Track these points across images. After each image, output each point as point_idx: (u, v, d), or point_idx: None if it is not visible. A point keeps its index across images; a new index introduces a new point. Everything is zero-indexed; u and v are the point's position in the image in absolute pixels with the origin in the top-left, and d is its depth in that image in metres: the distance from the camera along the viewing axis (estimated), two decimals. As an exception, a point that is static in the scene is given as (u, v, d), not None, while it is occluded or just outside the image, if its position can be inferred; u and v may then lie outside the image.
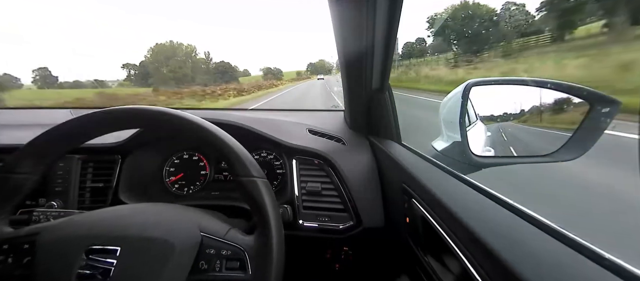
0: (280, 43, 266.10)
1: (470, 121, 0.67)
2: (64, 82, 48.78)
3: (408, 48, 24.04)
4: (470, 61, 11.11)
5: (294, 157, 0.84)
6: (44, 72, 48.18)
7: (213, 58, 55.38)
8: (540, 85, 0.64)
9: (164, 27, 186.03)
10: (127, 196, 0.82)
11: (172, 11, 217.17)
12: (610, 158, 0.71)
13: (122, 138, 0.83)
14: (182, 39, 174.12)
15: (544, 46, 6.59)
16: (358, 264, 0.93)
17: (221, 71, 54.42)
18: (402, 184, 0.60)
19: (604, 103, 0.55)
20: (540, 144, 0.66)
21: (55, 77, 49.33)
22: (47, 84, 46.68)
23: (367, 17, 0.59)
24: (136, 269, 0.43)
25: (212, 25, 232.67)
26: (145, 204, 0.54)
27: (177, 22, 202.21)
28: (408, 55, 23.18)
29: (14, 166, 0.47)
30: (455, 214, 0.39)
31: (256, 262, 0.45)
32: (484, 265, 0.32)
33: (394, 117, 0.82)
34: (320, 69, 79.63)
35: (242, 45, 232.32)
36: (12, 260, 0.45)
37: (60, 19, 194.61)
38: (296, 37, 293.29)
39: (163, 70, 45.43)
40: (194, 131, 0.49)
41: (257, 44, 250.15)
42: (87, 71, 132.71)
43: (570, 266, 0.26)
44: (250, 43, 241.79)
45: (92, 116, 0.49)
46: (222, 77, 51.89)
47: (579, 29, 4.34)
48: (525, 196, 0.42)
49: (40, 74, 47.52)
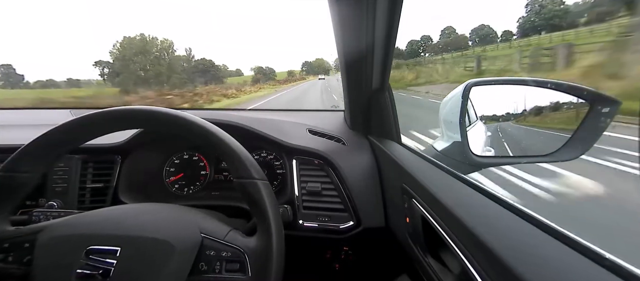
0: (274, 41, 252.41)
1: (470, 121, 0.67)
2: (36, 82, 44.70)
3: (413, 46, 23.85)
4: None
5: (294, 157, 0.84)
6: (8, 69, 44.14)
7: (195, 55, 48.64)
8: (541, 85, 0.64)
9: (143, 22, 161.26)
10: (127, 196, 0.82)
11: (155, 4, 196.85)
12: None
13: (122, 138, 0.83)
14: (162, 33, 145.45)
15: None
16: (358, 264, 0.93)
17: (201, 70, 46.66)
18: (402, 184, 0.60)
19: (604, 103, 0.55)
20: (540, 144, 0.66)
21: (21, 76, 44.84)
22: (11, 83, 42.37)
23: (367, 17, 0.59)
24: (136, 269, 0.43)
25: (200, 21, 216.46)
26: (145, 205, 0.54)
27: (160, 15, 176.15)
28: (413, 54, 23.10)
29: (16, 165, 0.47)
30: (455, 214, 0.39)
31: (256, 264, 0.45)
32: (483, 265, 0.32)
33: (394, 117, 0.82)
34: (318, 68, 73.14)
35: (233, 42, 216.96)
36: (12, 258, 0.45)
37: (24, 11, 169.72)
38: (292, 35, 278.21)
39: (133, 67, 38.66)
40: (195, 131, 0.49)
41: (249, 42, 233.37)
42: (59, 69, 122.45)
43: (570, 267, 0.26)
44: (242, 41, 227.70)
45: (92, 117, 0.49)
46: (203, 77, 45.16)
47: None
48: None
49: (2, 72, 43.04)
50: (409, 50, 40.15)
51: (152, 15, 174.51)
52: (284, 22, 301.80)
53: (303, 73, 72.64)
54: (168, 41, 41.94)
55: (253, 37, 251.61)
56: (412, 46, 40.44)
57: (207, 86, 31.09)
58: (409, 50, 40.15)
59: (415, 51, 40.01)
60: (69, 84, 43.46)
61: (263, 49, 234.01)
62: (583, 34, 5.80)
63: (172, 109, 0.51)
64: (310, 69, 75.70)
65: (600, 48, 3.60)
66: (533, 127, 0.67)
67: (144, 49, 38.96)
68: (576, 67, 2.19)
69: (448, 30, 37.85)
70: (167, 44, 41.65)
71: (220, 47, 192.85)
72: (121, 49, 39.26)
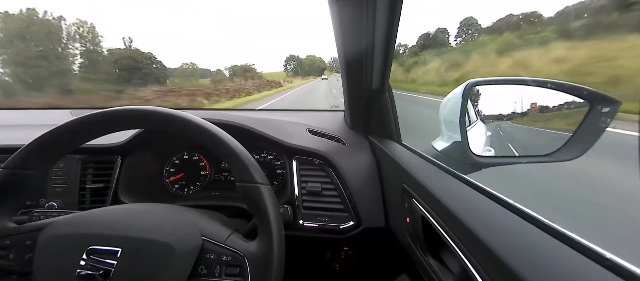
0: (258, 38, 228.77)
1: (471, 120, 0.67)
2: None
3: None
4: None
5: (294, 157, 0.84)
6: None
7: (139, 48, 31.01)
8: (541, 85, 0.64)
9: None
10: (127, 196, 0.82)
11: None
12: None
13: (122, 138, 0.83)
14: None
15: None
16: (358, 264, 0.93)
17: (129, 69, 29.08)
18: (402, 184, 0.60)
19: (604, 103, 0.55)
20: (540, 144, 0.66)
21: None
22: None
23: (367, 17, 0.59)
24: (136, 271, 0.43)
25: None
26: (147, 205, 0.54)
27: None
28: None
29: (20, 162, 0.47)
30: (455, 214, 0.39)
31: (256, 270, 0.45)
32: (484, 265, 0.32)
33: (394, 117, 0.82)
34: (310, 68, 56.38)
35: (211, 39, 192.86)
36: (13, 255, 0.45)
37: None
38: (279, 30, 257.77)
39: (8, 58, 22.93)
40: (197, 132, 0.49)
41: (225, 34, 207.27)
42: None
43: (571, 266, 0.26)
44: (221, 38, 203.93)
45: (93, 117, 0.49)
46: (131, 78, 28.50)
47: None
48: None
49: None
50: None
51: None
52: (272, 13, 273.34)
53: (290, 74, 51.30)
54: (86, 25, 27.23)
55: (229, 29, 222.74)
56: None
57: (137, 91, 20.04)
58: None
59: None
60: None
61: (243, 42, 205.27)
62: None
63: (173, 109, 0.51)
64: (299, 70, 56.96)
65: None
66: (533, 127, 0.67)
67: (27, 31, 23.43)
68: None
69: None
70: (85, 29, 26.45)
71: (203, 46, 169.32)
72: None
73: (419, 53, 17.11)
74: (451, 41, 25.31)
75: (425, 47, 21.44)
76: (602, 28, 1.67)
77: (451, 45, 25.10)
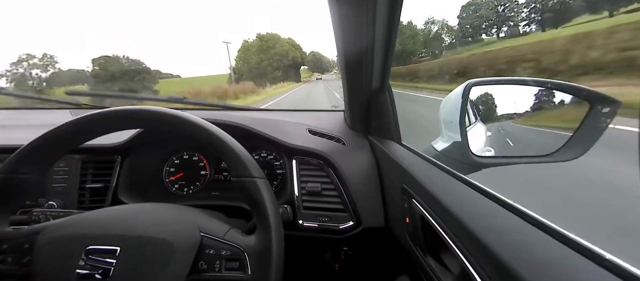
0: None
1: (470, 121, 0.67)
2: None
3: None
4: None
5: (294, 157, 0.84)
6: None
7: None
8: (541, 85, 0.64)
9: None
10: (127, 196, 0.82)
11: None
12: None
13: (122, 138, 0.83)
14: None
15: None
16: (358, 264, 0.93)
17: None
18: (402, 184, 0.60)
19: (604, 103, 0.55)
20: (540, 144, 0.66)
21: None
22: None
23: (367, 17, 0.59)
24: (136, 269, 0.43)
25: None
26: (145, 204, 0.54)
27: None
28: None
29: (15, 166, 0.47)
30: (455, 215, 0.39)
31: (256, 262, 0.45)
32: (483, 265, 0.32)
33: (394, 117, 0.82)
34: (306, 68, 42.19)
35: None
36: (11, 259, 0.45)
37: None
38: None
39: None
40: (195, 131, 0.49)
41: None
42: None
43: (570, 267, 0.26)
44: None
45: (92, 117, 0.49)
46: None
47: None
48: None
49: None
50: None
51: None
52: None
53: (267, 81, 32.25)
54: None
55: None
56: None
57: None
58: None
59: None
60: None
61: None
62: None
63: (172, 109, 0.51)
64: (288, 72, 38.92)
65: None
66: (533, 127, 0.67)
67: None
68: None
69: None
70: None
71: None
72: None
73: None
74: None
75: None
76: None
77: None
